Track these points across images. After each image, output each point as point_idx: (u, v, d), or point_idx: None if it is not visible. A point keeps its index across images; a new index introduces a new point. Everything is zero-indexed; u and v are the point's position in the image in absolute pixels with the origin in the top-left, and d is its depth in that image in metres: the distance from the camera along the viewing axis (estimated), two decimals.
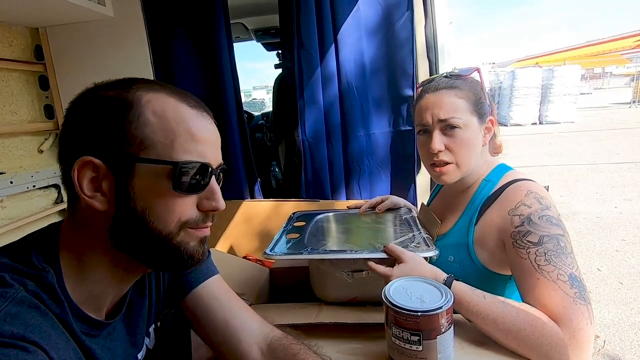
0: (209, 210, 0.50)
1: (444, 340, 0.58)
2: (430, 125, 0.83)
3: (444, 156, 0.82)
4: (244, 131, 1.68)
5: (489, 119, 0.85)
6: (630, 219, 3.54)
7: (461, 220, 0.86)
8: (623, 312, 2.19)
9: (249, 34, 2.48)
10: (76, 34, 1.57)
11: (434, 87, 0.84)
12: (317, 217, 1.10)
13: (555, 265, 0.66)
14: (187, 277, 0.64)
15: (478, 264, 0.81)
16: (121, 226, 0.46)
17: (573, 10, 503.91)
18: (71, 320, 0.45)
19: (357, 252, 0.79)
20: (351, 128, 1.58)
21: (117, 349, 0.52)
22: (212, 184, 0.49)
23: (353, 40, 1.50)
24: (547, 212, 0.72)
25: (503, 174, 0.84)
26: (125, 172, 0.45)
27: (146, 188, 0.45)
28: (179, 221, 0.47)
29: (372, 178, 1.62)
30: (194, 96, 0.50)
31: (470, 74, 0.86)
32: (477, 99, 0.83)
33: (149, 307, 0.61)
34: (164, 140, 0.45)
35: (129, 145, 0.44)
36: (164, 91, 0.48)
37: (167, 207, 0.46)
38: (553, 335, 0.61)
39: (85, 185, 0.44)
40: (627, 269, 2.66)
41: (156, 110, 0.46)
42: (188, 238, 0.49)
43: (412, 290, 0.63)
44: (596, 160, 5.95)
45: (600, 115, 11.55)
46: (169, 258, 0.48)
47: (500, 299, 0.67)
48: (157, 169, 0.45)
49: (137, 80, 0.48)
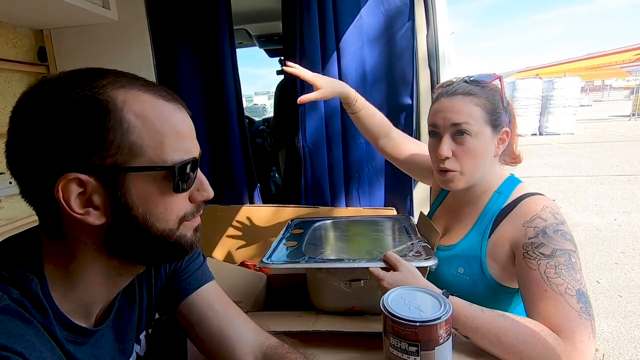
0: (201, 201, 0.51)
1: (442, 352, 0.57)
2: (440, 129, 0.82)
3: (449, 163, 0.81)
4: (244, 136, 1.69)
5: (504, 130, 0.82)
6: (630, 231, 3.53)
7: (473, 232, 0.84)
8: (622, 325, 2.17)
9: (252, 40, 2.50)
10: (80, 37, 1.58)
11: (451, 91, 0.82)
12: (315, 224, 1.10)
13: (565, 279, 0.66)
14: (182, 284, 0.63)
15: (489, 278, 0.80)
16: (119, 235, 0.45)
17: (573, 23, 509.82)
18: (56, 330, 0.44)
19: (355, 262, 0.79)
20: (351, 135, 1.58)
21: (104, 356, 0.51)
22: (200, 175, 0.50)
23: (355, 49, 1.51)
24: (562, 227, 0.72)
25: (514, 186, 0.83)
26: (117, 183, 0.42)
27: (144, 195, 0.44)
28: (177, 217, 0.47)
29: (371, 185, 1.62)
30: (164, 87, 0.48)
31: (491, 81, 0.83)
32: (493, 108, 0.80)
33: (139, 314, 0.60)
34: (153, 144, 0.43)
35: (116, 154, 0.41)
36: (135, 86, 0.44)
37: (167, 208, 0.46)
38: (555, 348, 0.60)
39: (74, 203, 0.41)
40: (627, 282, 2.65)
41: (137, 112, 0.42)
42: (185, 230, 0.49)
43: (410, 300, 0.63)
44: (596, 172, 5.96)
45: (600, 127, 11.60)
46: (170, 253, 0.49)
47: (499, 312, 0.67)
48: (152, 175, 0.44)
49: (96, 74, 0.43)
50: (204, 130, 1.67)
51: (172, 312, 0.63)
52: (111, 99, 0.41)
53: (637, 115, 13.16)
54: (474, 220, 0.85)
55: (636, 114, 13.18)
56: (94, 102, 0.40)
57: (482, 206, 0.85)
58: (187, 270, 0.65)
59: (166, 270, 0.64)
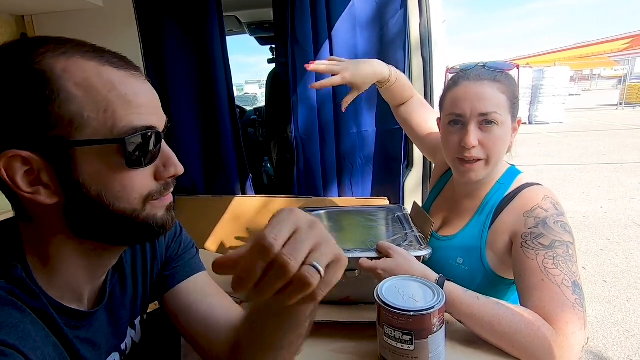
0: (168, 178, 0.46)
1: (435, 340, 0.58)
2: (466, 117, 0.76)
3: (476, 152, 0.77)
4: (236, 126, 1.66)
5: (518, 119, 0.82)
6: (615, 218, 3.62)
7: (473, 223, 0.84)
8: (606, 309, 2.24)
9: (242, 27, 2.45)
10: (63, 23, 1.53)
11: (475, 76, 0.77)
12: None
13: (562, 271, 0.67)
14: (174, 271, 0.62)
15: (488, 268, 0.80)
16: (78, 215, 0.42)
17: (564, 13, 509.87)
18: (52, 312, 0.43)
19: (349, 252, 0.79)
20: (344, 125, 1.57)
21: (99, 339, 0.51)
22: (164, 148, 0.45)
23: (348, 37, 1.49)
24: (562, 219, 0.73)
25: (515, 177, 0.83)
26: (64, 159, 0.39)
27: (95, 171, 0.40)
28: (141, 197, 0.43)
29: (363, 175, 1.63)
30: (116, 53, 0.44)
31: (511, 69, 0.80)
32: (514, 96, 0.78)
33: (134, 299, 0.59)
34: (96, 115, 0.39)
35: (56, 127, 0.38)
36: (78, 53, 0.40)
37: (125, 186, 0.42)
38: (548, 338, 0.61)
39: (20, 182, 0.39)
40: (611, 268, 2.72)
41: (78, 80, 0.39)
42: (155, 210, 0.45)
43: (404, 290, 0.63)
44: (583, 160, 6.06)
45: (588, 116, 11.76)
46: (140, 233, 0.46)
47: (494, 300, 0.68)
48: (101, 149, 0.40)
49: (36, 43, 0.39)
50: (195, 120, 1.64)
51: (161, 299, 0.62)
52: (49, 68, 0.38)
53: (624, 104, 13.36)
54: (474, 211, 0.85)
55: (623, 104, 13.38)
56: (29, 72, 0.38)
57: (483, 197, 0.85)
58: (181, 258, 0.64)
59: (162, 257, 0.63)
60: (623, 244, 3.09)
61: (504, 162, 0.87)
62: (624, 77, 14.37)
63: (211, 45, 1.55)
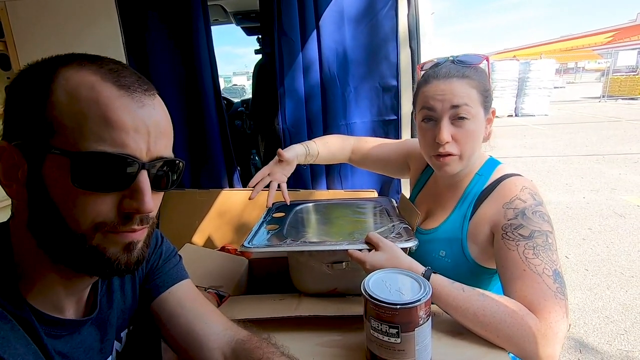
0: (130, 212, 0.42)
1: (421, 332, 0.58)
2: (438, 114, 0.78)
3: (450, 147, 0.78)
4: (222, 118, 1.63)
5: (492, 110, 0.82)
6: (597, 209, 3.71)
7: (454, 215, 0.85)
8: (587, 297, 2.30)
9: (228, 17, 2.39)
10: (38, 10, 1.46)
11: (444, 74, 0.78)
12: (297, 207, 1.09)
13: (542, 260, 0.67)
14: (155, 282, 0.62)
15: (470, 259, 0.81)
16: (37, 220, 0.41)
17: (550, 7, 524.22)
18: (33, 319, 0.42)
19: (337, 244, 0.78)
20: (332, 117, 1.56)
21: (78, 355, 0.48)
22: (138, 180, 0.41)
23: (335, 27, 1.47)
24: (540, 209, 0.73)
25: (494, 168, 0.84)
26: (37, 160, 0.39)
27: (56, 181, 0.39)
28: (92, 222, 0.40)
29: (353, 168, 1.62)
30: (136, 73, 0.42)
31: (480, 62, 0.80)
32: (485, 89, 0.79)
33: (122, 312, 0.58)
34: (71, 125, 0.38)
35: (40, 129, 0.39)
36: (91, 68, 0.40)
37: (76, 206, 0.40)
38: (532, 327, 0.62)
39: (2, 172, 0.41)
40: (593, 257, 2.80)
41: (69, 89, 0.39)
42: (107, 243, 0.42)
43: (391, 283, 0.63)
44: (567, 152, 6.19)
45: (572, 109, 11.99)
46: (87, 261, 0.42)
47: (479, 291, 0.68)
48: (62, 160, 0.39)
49: (71, 56, 0.42)
50: (179, 112, 1.61)
51: (147, 310, 0.62)
52: (55, 75, 0.40)
53: (606, 97, 13.65)
54: (455, 203, 0.86)
55: (606, 96, 13.67)
56: (41, 76, 0.40)
57: (463, 189, 0.86)
58: (162, 269, 0.64)
59: (144, 269, 0.63)
60: (604, 233, 3.18)
61: (482, 153, 0.87)
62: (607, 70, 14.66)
63: (196, 34, 1.51)
